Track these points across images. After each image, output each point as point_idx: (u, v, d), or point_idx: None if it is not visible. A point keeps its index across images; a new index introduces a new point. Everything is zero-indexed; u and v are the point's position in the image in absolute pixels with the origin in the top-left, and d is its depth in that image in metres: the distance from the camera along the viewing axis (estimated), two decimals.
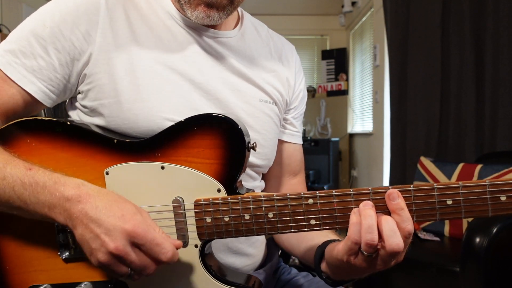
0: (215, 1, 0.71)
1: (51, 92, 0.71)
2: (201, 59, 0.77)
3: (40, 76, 0.69)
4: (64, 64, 0.70)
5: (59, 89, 0.72)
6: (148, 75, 0.72)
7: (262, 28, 0.91)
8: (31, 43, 0.68)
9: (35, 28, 0.69)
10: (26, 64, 0.68)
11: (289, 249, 0.87)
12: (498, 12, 2.40)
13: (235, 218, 0.64)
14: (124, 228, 0.56)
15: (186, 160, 0.65)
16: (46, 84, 0.70)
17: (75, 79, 0.72)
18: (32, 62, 0.68)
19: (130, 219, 0.56)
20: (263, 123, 0.81)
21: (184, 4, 0.73)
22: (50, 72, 0.69)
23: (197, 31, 0.78)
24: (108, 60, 0.70)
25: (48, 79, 0.70)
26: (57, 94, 0.72)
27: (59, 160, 0.66)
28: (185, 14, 0.75)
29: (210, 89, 0.76)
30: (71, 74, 0.71)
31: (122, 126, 0.71)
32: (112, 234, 0.55)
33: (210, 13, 0.72)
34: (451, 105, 2.75)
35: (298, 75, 0.93)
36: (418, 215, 0.60)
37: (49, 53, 0.69)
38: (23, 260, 0.68)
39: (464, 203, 0.59)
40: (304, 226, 0.62)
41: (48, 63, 0.69)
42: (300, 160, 0.96)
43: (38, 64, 0.69)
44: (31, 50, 0.68)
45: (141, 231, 0.56)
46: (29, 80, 0.69)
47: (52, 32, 0.68)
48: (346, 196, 0.61)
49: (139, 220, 0.57)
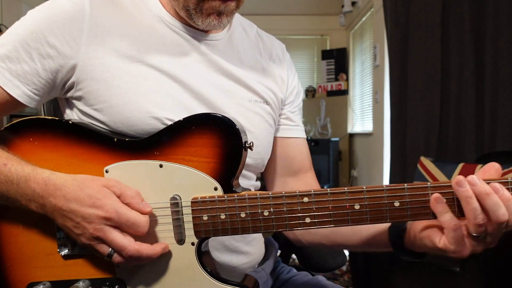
0: (227, 9, 0.73)
1: (35, 95, 0.73)
2: (190, 61, 0.78)
3: (24, 80, 0.71)
4: (47, 69, 0.71)
5: (43, 92, 0.73)
6: (137, 78, 0.73)
7: (251, 29, 0.92)
8: (17, 48, 0.70)
9: (21, 34, 0.71)
10: (11, 68, 0.70)
11: (339, 241, 0.82)
12: (498, 12, 2.39)
13: (231, 216, 0.64)
14: (99, 215, 0.60)
15: (184, 159, 0.66)
16: (30, 88, 0.72)
17: (60, 83, 0.73)
18: (17, 66, 0.70)
19: (101, 205, 0.60)
20: (254, 122, 0.82)
21: (194, 14, 0.74)
22: (34, 77, 0.71)
23: (186, 33, 0.79)
24: (95, 66, 0.71)
25: (32, 83, 0.71)
26: (41, 96, 0.74)
27: (60, 158, 0.67)
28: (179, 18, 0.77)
29: (199, 90, 0.76)
30: (55, 79, 0.72)
31: (119, 128, 0.72)
32: (89, 220, 0.60)
33: (222, 20, 0.74)
34: (451, 105, 2.74)
35: (290, 71, 0.93)
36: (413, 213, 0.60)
37: (33, 58, 0.70)
38: (23, 257, 0.69)
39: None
40: (299, 225, 0.63)
41: (32, 68, 0.71)
42: (305, 155, 0.93)
43: (22, 69, 0.70)
44: (16, 55, 0.70)
45: (114, 215, 0.60)
46: (14, 85, 0.71)
47: (37, 38, 0.70)
48: (341, 194, 0.61)
49: (109, 204, 0.60)
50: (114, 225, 0.61)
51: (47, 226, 0.68)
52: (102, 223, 0.60)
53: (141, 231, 0.61)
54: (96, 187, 0.61)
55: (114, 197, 0.61)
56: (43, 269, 0.69)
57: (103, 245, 0.61)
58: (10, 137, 0.68)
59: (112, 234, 0.60)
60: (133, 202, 0.62)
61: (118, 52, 0.72)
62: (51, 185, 0.61)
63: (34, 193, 0.62)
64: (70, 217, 0.61)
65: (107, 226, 0.60)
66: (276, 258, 0.95)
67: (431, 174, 2.30)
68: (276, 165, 0.92)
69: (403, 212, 0.61)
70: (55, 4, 0.72)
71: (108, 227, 0.60)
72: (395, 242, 0.70)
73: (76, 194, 0.60)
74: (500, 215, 0.56)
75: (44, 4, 0.73)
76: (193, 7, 0.73)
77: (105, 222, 0.60)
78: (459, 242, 0.59)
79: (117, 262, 0.62)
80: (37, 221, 0.68)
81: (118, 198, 0.62)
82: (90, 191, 0.61)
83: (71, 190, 0.61)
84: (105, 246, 0.61)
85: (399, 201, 0.61)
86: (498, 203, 0.56)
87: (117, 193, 0.62)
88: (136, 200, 0.62)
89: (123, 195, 0.62)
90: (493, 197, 0.56)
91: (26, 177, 0.63)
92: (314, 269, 1.08)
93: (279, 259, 0.99)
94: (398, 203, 0.61)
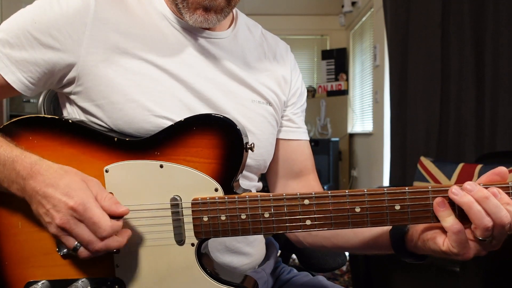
0: (213, 4, 0.72)
1: (30, 84, 0.73)
2: (193, 61, 0.77)
3: (21, 68, 0.71)
4: (47, 59, 0.71)
5: (39, 81, 0.73)
6: (139, 76, 0.72)
7: (256, 29, 0.91)
8: (18, 36, 0.70)
9: (24, 22, 0.71)
10: (10, 54, 0.71)
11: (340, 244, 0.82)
12: (498, 12, 2.39)
13: (232, 217, 0.64)
14: (67, 204, 0.58)
15: (185, 159, 0.66)
16: (26, 76, 0.72)
17: (57, 76, 0.73)
18: (16, 53, 0.70)
19: (73, 195, 0.58)
20: (256, 123, 0.81)
21: (182, 8, 0.73)
22: (32, 65, 0.71)
23: (190, 32, 0.78)
24: (97, 62, 0.71)
25: (29, 71, 0.71)
26: (36, 85, 0.74)
27: (60, 157, 0.67)
28: (181, 17, 0.76)
29: (201, 90, 0.76)
30: (52, 71, 0.72)
31: (118, 126, 0.72)
32: (58, 209, 0.59)
33: (208, 17, 0.73)
34: (451, 105, 2.74)
35: (294, 72, 0.92)
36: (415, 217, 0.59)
37: (34, 47, 0.70)
38: (22, 256, 0.69)
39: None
40: (300, 227, 0.63)
41: (31, 56, 0.71)
42: (307, 157, 0.93)
43: (21, 56, 0.70)
44: (17, 42, 0.70)
45: (81, 208, 0.58)
46: (10, 70, 0.71)
47: (39, 28, 0.70)
48: (342, 197, 0.61)
49: (81, 197, 0.59)
50: (80, 219, 0.59)
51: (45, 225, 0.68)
52: (69, 214, 0.58)
53: (100, 234, 0.58)
54: (75, 179, 0.61)
55: (89, 192, 0.60)
56: (42, 268, 0.69)
57: (69, 238, 0.60)
58: (8, 135, 0.68)
59: (78, 227, 0.58)
60: (105, 204, 0.60)
61: (121, 49, 0.72)
62: (35, 169, 0.61)
63: (18, 175, 0.61)
64: (43, 202, 0.60)
65: (74, 219, 0.58)
66: (276, 259, 0.95)
67: (431, 174, 2.30)
68: (278, 167, 0.92)
69: (404, 216, 0.61)
70: None
71: (75, 220, 0.59)
72: (397, 245, 0.70)
73: (55, 180, 0.60)
74: (503, 217, 0.56)
75: None
76: (180, 1, 0.72)
77: (71, 213, 0.58)
78: (463, 245, 0.59)
79: (83, 256, 0.60)
80: (35, 220, 0.67)
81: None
82: (68, 181, 0.60)
83: (52, 176, 0.60)
84: (72, 239, 0.60)
85: (400, 204, 0.61)
86: (498, 206, 0.57)
87: (93, 192, 0.61)
88: (108, 203, 0.60)
89: (98, 195, 0.61)
90: (493, 200, 0.57)
91: (13, 159, 0.62)
92: (315, 269, 1.08)
93: (279, 259, 0.99)
94: (398, 207, 0.61)
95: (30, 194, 0.61)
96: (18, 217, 0.69)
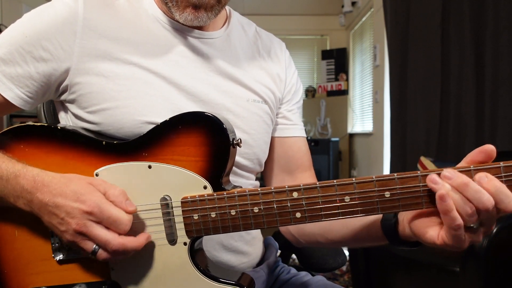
0: (202, 1, 0.72)
1: (28, 98, 0.73)
2: (186, 62, 0.77)
3: (17, 83, 0.72)
4: (41, 72, 0.71)
5: (37, 95, 0.74)
6: (129, 81, 0.72)
7: (249, 27, 0.91)
8: (11, 51, 0.71)
9: (15, 37, 0.71)
10: (5, 71, 0.71)
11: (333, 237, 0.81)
12: (498, 12, 2.39)
13: (221, 214, 0.64)
14: (82, 210, 0.59)
15: (173, 159, 0.66)
16: (23, 91, 0.72)
17: (53, 86, 0.74)
18: (11, 69, 0.71)
19: (85, 200, 0.60)
20: (251, 123, 0.81)
21: (172, 7, 0.73)
22: (27, 80, 0.71)
23: (182, 32, 0.78)
24: (88, 70, 0.71)
25: (25, 86, 0.72)
26: (34, 99, 0.74)
27: (50, 164, 0.67)
28: (172, 16, 0.75)
29: (195, 91, 0.76)
30: (49, 82, 0.73)
31: (109, 131, 0.72)
32: (73, 215, 0.59)
33: (198, 15, 0.73)
34: (451, 105, 2.74)
35: (289, 69, 0.92)
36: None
37: (27, 62, 0.71)
38: (20, 263, 0.70)
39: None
40: (290, 220, 0.62)
41: (25, 71, 0.71)
42: (304, 154, 0.92)
43: (16, 72, 0.71)
44: (10, 58, 0.71)
45: (96, 210, 0.59)
46: (7, 87, 0.71)
47: (30, 41, 0.70)
48: (330, 187, 0.61)
49: (92, 200, 0.60)
50: (97, 221, 0.60)
51: (42, 232, 0.68)
52: (85, 218, 0.59)
53: (123, 228, 0.61)
54: (81, 184, 0.61)
55: (98, 194, 0.61)
56: (40, 274, 0.69)
57: (87, 241, 0.61)
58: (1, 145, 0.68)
59: (95, 229, 0.60)
60: (116, 200, 0.62)
61: (112, 55, 0.72)
62: (39, 182, 0.61)
63: (23, 189, 0.62)
64: (55, 212, 0.60)
65: (90, 221, 0.59)
66: (276, 258, 0.95)
67: None
68: (274, 164, 0.91)
69: (395, 203, 0.60)
70: (49, 7, 0.72)
71: (91, 223, 0.60)
72: (389, 234, 0.69)
73: (61, 189, 0.60)
74: (485, 201, 0.54)
75: (39, 7, 0.73)
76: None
77: (87, 216, 0.59)
78: (459, 238, 0.58)
79: (103, 258, 0.61)
80: (31, 227, 0.68)
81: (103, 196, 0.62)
82: (75, 187, 0.61)
83: (57, 186, 0.61)
84: (90, 242, 0.61)
85: (390, 192, 0.60)
86: (479, 191, 0.55)
87: (101, 191, 0.62)
88: (119, 199, 0.62)
89: (107, 193, 0.62)
90: (473, 186, 0.55)
91: (16, 173, 0.63)
92: (314, 269, 1.08)
93: (279, 259, 0.99)
94: (389, 194, 0.60)
95: (39, 207, 0.61)
96: (14, 225, 0.69)
